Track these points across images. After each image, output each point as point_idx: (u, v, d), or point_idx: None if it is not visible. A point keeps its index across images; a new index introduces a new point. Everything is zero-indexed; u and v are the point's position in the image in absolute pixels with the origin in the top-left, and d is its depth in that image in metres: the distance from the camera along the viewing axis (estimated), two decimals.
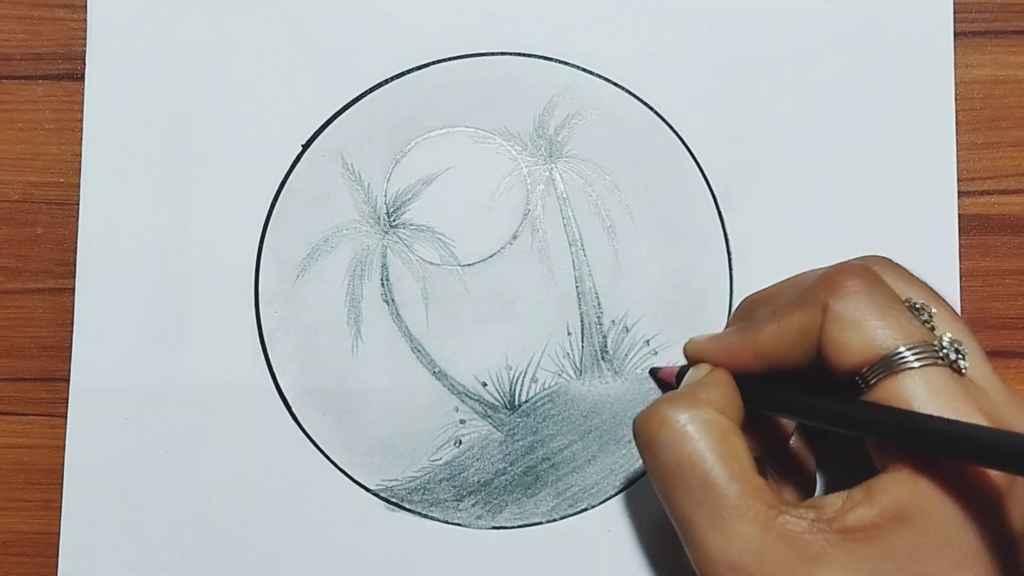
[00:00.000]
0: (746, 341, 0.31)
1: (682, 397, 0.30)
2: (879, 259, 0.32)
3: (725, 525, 0.28)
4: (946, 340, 0.28)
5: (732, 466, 0.29)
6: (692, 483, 0.29)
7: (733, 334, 0.32)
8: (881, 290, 0.29)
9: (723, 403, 0.30)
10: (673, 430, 0.29)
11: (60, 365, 0.40)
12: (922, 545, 0.27)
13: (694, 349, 0.33)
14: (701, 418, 0.30)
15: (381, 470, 0.40)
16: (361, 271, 0.40)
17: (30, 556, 0.40)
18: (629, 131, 0.41)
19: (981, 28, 0.41)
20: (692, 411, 0.30)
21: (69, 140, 0.41)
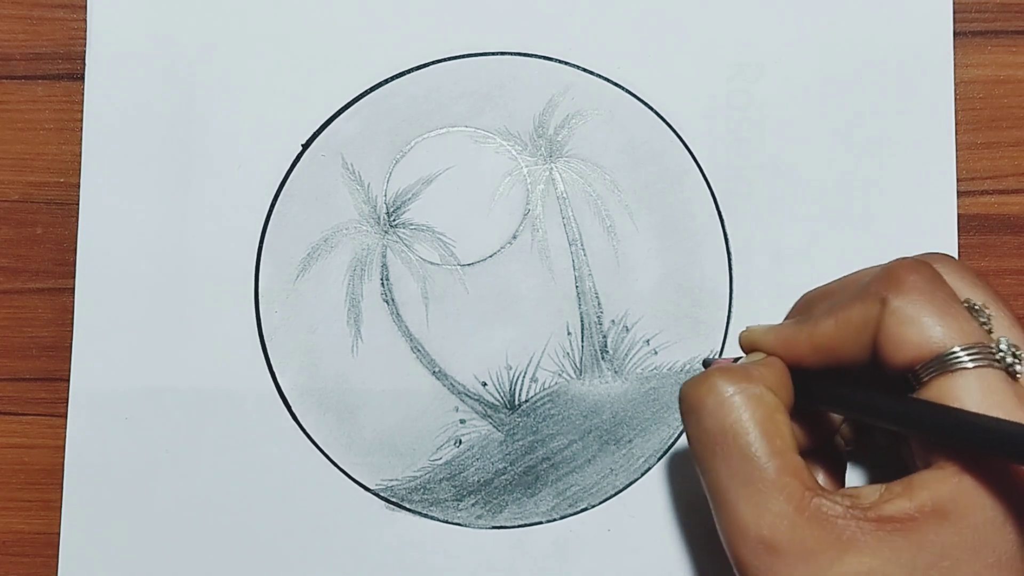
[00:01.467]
0: (803, 333, 0.31)
1: (735, 370, 0.30)
2: (942, 256, 0.32)
3: (760, 499, 0.28)
4: (1004, 344, 0.28)
5: (774, 442, 0.29)
6: (732, 452, 0.29)
7: (791, 326, 0.32)
8: (941, 288, 0.29)
9: (775, 383, 0.30)
10: (720, 398, 0.29)
11: (60, 365, 0.40)
12: (957, 544, 0.27)
13: (751, 338, 0.33)
14: (750, 391, 0.29)
15: (381, 470, 0.40)
16: (361, 271, 0.40)
17: (30, 556, 0.40)
18: (629, 131, 0.41)
19: (981, 28, 0.41)
20: (743, 383, 0.30)
21: (69, 140, 0.41)
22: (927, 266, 0.30)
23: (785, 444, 0.29)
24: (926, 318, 0.28)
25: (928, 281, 0.29)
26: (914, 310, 0.28)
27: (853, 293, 0.30)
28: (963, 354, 0.28)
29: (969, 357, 0.27)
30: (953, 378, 0.27)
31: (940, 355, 0.28)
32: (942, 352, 0.28)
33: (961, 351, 0.28)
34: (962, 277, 0.31)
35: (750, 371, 0.30)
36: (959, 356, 0.28)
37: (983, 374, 0.27)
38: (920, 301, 0.28)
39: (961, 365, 0.27)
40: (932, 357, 0.28)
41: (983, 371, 0.27)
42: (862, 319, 0.29)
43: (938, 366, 0.28)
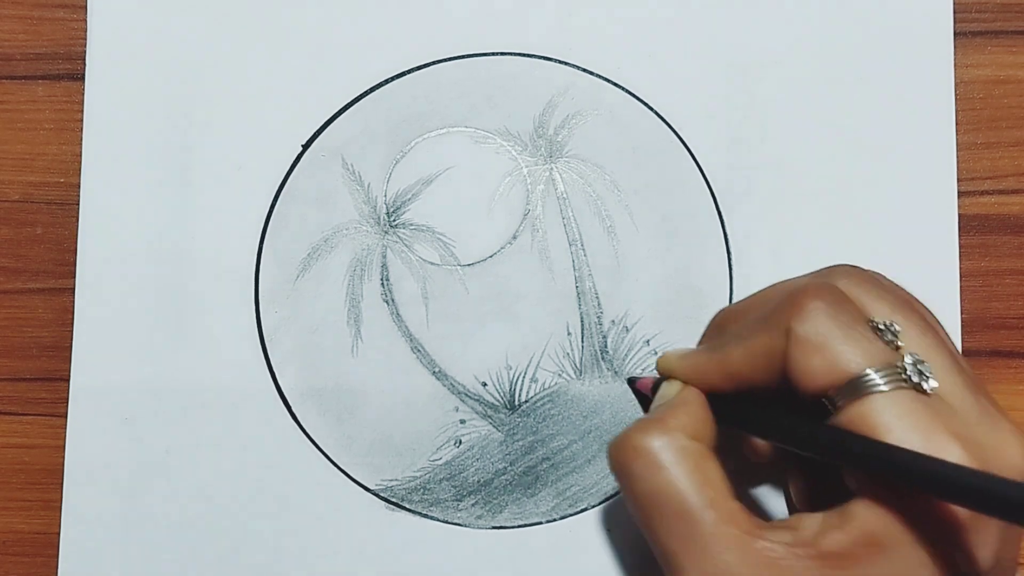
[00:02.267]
0: (715, 362, 0.31)
1: (653, 424, 0.30)
2: (846, 270, 0.31)
3: (703, 553, 0.28)
4: (908, 361, 0.28)
5: (706, 493, 0.28)
6: (668, 512, 0.28)
7: (703, 353, 0.32)
8: (845, 310, 0.29)
9: (694, 427, 0.30)
10: (646, 460, 0.29)
11: (60, 365, 0.40)
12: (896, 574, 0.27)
13: (666, 366, 0.33)
14: (673, 445, 0.29)
15: (381, 470, 0.40)
16: (361, 271, 0.40)
17: (30, 556, 0.40)
18: (629, 131, 0.41)
19: (981, 28, 0.41)
20: (664, 438, 0.29)
21: (69, 140, 0.41)
22: (829, 289, 0.29)
23: (718, 492, 0.29)
24: (832, 344, 0.28)
25: (831, 304, 0.28)
26: (819, 337, 0.28)
27: (759, 320, 0.30)
28: (873, 377, 0.27)
29: (879, 379, 0.27)
30: (866, 403, 0.27)
31: (850, 380, 0.27)
32: (851, 377, 0.27)
33: (870, 374, 0.27)
34: (867, 291, 0.30)
35: (668, 422, 0.30)
36: (868, 379, 0.27)
37: (896, 396, 0.27)
38: (824, 327, 0.28)
39: (872, 389, 0.27)
40: (842, 383, 0.27)
41: (896, 393, 0.27)
42: (769, 349, 0.29)
43: (849, 391, 0.27)
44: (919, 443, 0.26)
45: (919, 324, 0.29)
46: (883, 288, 0.30)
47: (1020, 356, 0.40)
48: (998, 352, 0.40)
